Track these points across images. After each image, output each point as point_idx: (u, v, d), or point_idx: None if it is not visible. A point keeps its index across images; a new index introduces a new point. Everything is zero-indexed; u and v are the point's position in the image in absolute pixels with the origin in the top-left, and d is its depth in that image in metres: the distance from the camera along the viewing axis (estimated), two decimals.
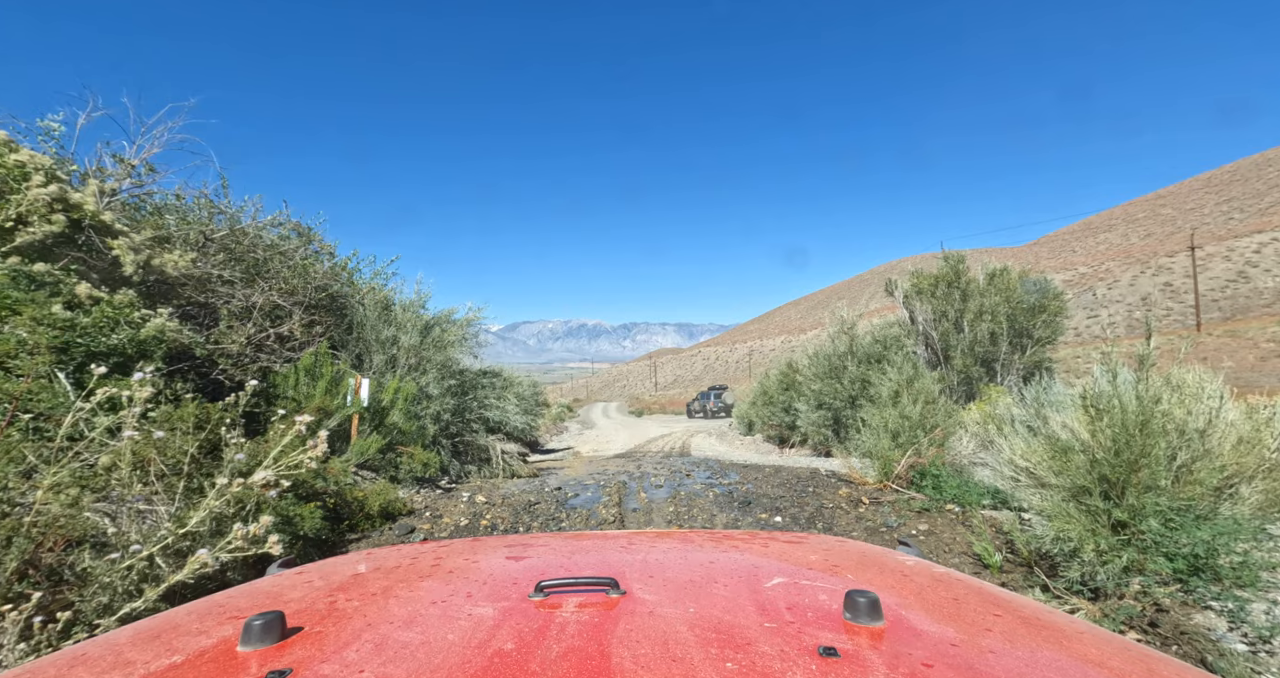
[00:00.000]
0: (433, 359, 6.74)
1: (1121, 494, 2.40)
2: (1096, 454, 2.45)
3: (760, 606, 0.75)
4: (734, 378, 70.30)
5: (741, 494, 4.93)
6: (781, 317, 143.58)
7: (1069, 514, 2.53)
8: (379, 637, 0.67)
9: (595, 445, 17.56)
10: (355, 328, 6.56)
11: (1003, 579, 2.90)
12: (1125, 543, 2.37)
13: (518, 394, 12.81)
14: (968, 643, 0.66)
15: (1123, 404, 2.37)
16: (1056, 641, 0.70)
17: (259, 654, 0.64)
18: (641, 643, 0.62)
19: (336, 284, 6.38)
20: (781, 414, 9.52)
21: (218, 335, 4.95)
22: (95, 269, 4.34)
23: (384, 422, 5.60)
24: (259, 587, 0.96)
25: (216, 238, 5.56)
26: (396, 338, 6.71)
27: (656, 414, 40.96)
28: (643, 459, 10.53)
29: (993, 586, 0.94)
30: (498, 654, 0.60)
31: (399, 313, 6.81)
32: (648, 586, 0.83)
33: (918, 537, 3.72)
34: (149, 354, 3.99)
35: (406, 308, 6.80)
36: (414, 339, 6.74)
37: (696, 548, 1.11)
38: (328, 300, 6.57)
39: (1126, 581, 2.34)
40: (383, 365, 6.50)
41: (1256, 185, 67.40)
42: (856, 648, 0.61)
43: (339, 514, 4.02)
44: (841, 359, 6.95)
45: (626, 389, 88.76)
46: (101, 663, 0.66)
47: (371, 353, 6.52)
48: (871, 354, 6.72)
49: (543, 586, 0.79)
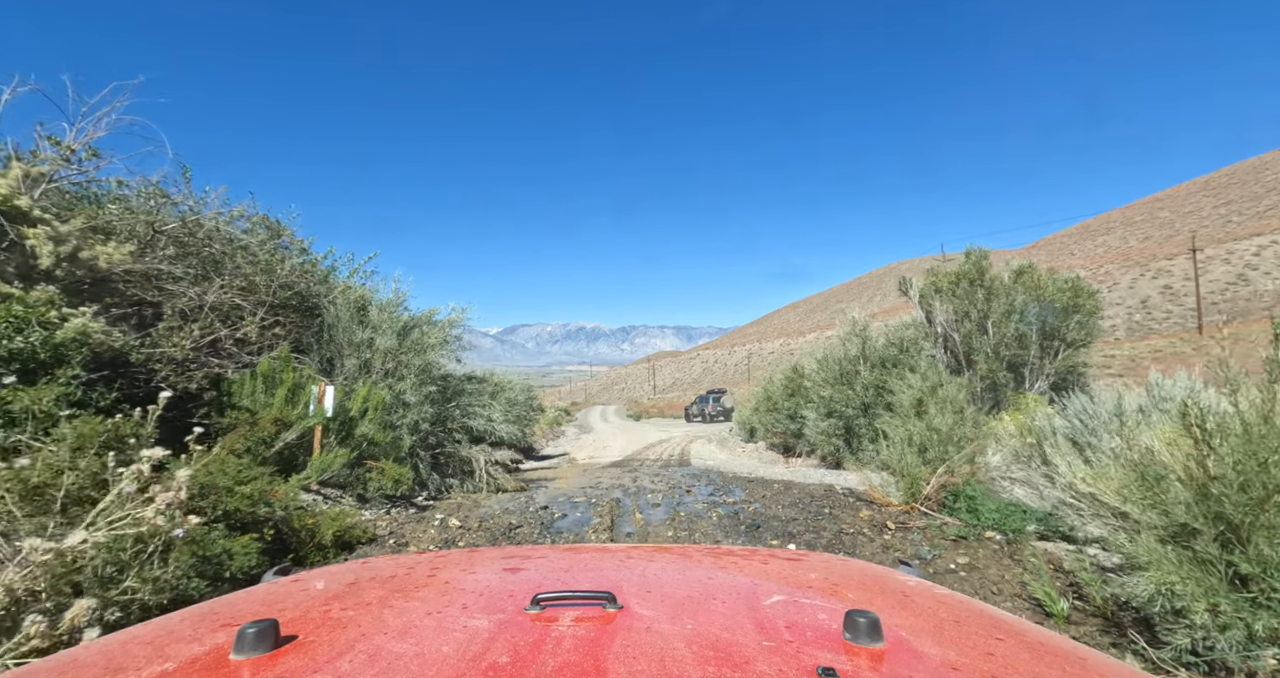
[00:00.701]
0: (411, 364, 6.20)
1: (1246, 540, 1.89)
2: (1210, 488, 1.94)
3: (759, 624, 0.74)
4: (732, 381, 69.90)
5: (749, 516, 4.40)
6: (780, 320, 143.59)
7: (1169, 561, 2.02)
8: (373, 647, 0.67)
9: (591, 452, 17.03)
10: (327, 330, 6.03)
11: (1074, 633, 2.38)
12: (1253, 603, 1.85)
13: (509, 399, 12.26)
14: (969, 667, 0.65)
15: (1246, 424, 1.86)
16: (1061, 667, 0.69)
17: (251, 663, 0.63)
18: (638, 659, 0.62)
19: (304, 282, 5.84)
20: (787, 422, 8.98)
21: (157, 338, 4.39)
22: (11, 263, 3.80)
23: (352, 433, 5.05)
24: (254, 594, 0.95)
25: (167, 230, 5.01)
26: (372, 341, 6.17)
27: (655, 418, 40.42)
28: (640, 469, 9.98)
29: (995, 608, 0.91)
30: (492, 668, 0.60)
31: (375, 314, 6.27)
32: (645, 601, 0.82)
33: (957, 572, 3.19)
34: (66, 360, 3.44)
35: (383, 308, 6.26)
36: (391, 342, 6.21)
37: (695, 564, 1.10)
38: (296, 300, 6.03)
39: (1257, 653, 1.82)
40: (356, 371, 5.96)
41: (1254, 188, 67.54)
42: (856, 669, 0.61)
43: (285, 545, 3.47)
44: (853, 364, 6.44)
45: (625, 392, 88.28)
46: (93, 668, 0.66)
47: (344, 357, 5.98)
48: (886, 358, 6.21)
49: (539, 599, 0.78)
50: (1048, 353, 5.32)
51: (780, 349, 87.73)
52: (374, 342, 6.15)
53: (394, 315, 6.40)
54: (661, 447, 16.39)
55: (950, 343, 5.68)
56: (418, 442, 6.04)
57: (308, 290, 6.09)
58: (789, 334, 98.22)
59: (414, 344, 6.26)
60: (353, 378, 5.84)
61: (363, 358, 5.94)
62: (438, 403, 6.59)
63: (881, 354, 6.32)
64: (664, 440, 18.73)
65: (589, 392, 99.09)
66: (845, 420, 6.42)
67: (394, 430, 5.86)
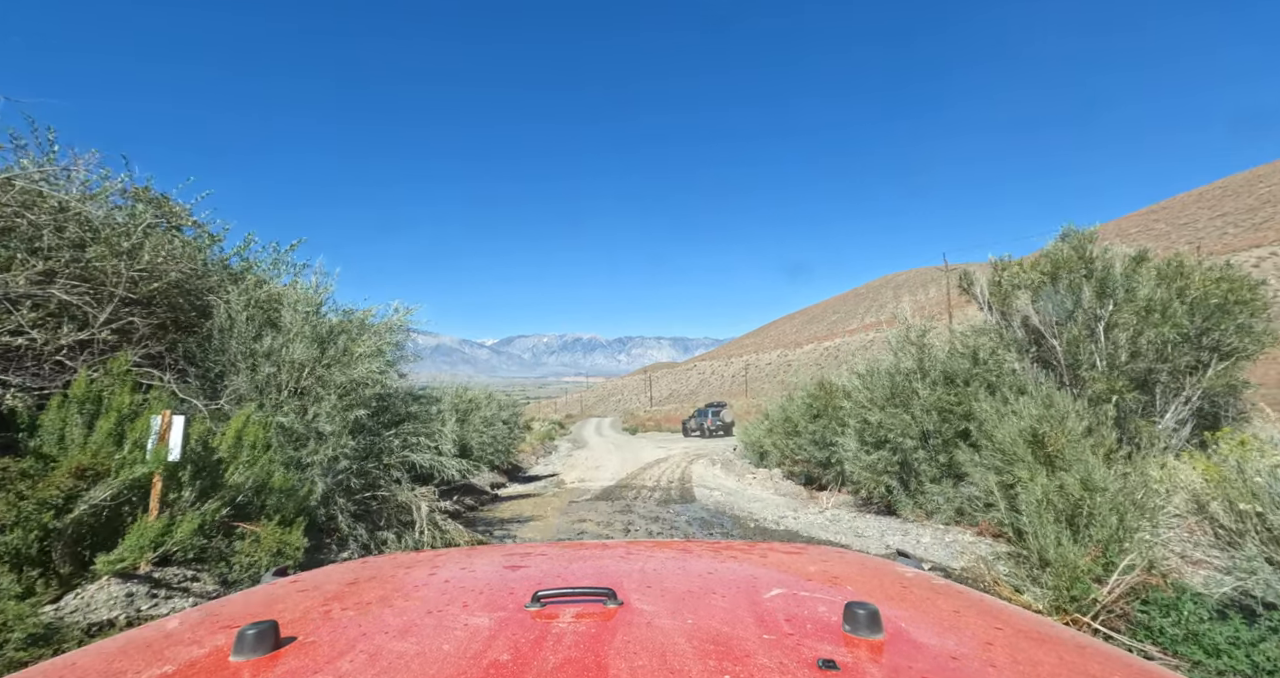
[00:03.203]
0: (332, 381, 4.68)
1: None
2: None
3: (759, 617, 0.74)
4: (730, 393, 68.46)
5: None
6: (777, 331, 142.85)
7: None
8: (373, 647, 0.66)
9: (583, 472, 15.45)
10: (219, 336, 4.51)
11: None
12: None
13: (484, 418, 10.68)
14: (969, 656, 0.65)
15: None
16: (1059, 655, 0.68)
17: (251, 665, 0.62)
18: (639, 654, 0.61)
19: (181, 271, 4.32)
20: (812, 449, 7.44)
21: None
22: None
23: (219, 482, 3.51)
24: (253, 596, 0.95)
25: None
26: (287, 348, 4.66)
27: (651, 432, 38.74)
28: (634, 503, 8.44)
29: (994, 598, 0.91)
30: (493, 666, 0.60)
31: (288, 316, 4.76)
32: (645, 596, 0.82)
33: None
34: None
35: (298, 307, 4.76)
36: (307, 352, 4.69)
37: (695, 558, 1.09)
38: (175, 295, 4.52)
39: None
40: (252, 391, 4.42)
41: (1248, 200, 67.55)
42: (856, 661, 0.60)
43: None
44: (908, 380, 4.99)
45: (621, 404, 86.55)
46: (91, 672, 0.65)
47: (238, 371, 4.45)
48: (952, 372, 4.78)
49: (539, 596, 0.77)
50: (1190, 368, 3.86)
51: (778, 361, 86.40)
52: (288, 350, 4.64)
53: (316, 317, 4.89)
54: (659, 468, 14.81)
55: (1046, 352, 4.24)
56: (337, 485, 4.51)
57: (192, 284, 4.58)
58: (786, 346, 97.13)
59: (337, 356, 4.75)
60: (244, 400, 4.31)
61: (264, 374, 4.42)
62: (371, 431, 5.07)
63: (946, 368, 4.87)
64: (662, 460, 17.16)
65: (585, 403, 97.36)
66: (902, 453, 4.94)
67: (302, 471, 4.31)
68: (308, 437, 4.40)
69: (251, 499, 3.71)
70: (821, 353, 77.35)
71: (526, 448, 21.24)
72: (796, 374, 13.31)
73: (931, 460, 4.88)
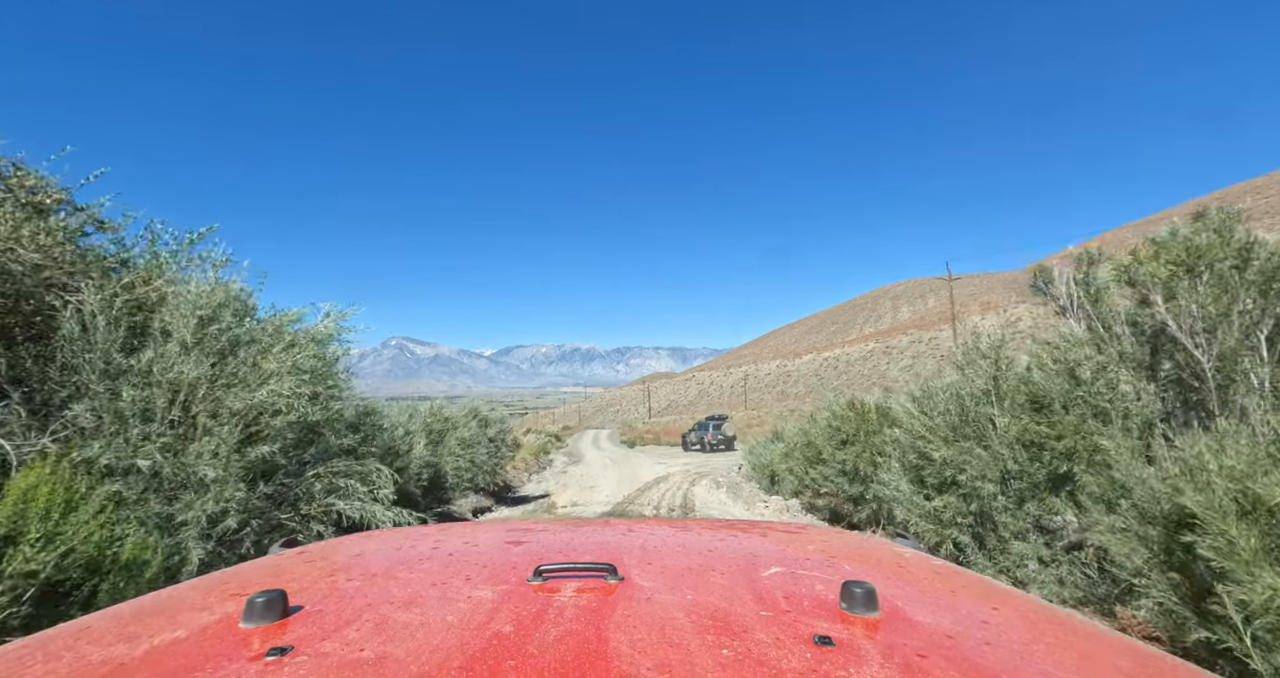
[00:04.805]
0: (228, 407, 3.52)
1: None
2: None
3: (757, 594, 0.75)
4: (729, 403, 67.13)
5: None
6: (775, 341, 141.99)
7: None
8: (379, 617, 0.67)
9: (576, 492, 14.22)
10: (68, 348, 3.34)
11: None
12: None
13: (461, 439, 9.47)
14: (964, 635, 0.65)
15: None
16: (1055, 634, 0.69)
17: (261, 631, 0.64)
18: (638, 628, 0.62)
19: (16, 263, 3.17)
20: (841, 481, 6.25)
21: None
22: None
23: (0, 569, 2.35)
24: (262, 565, 0.96)
25: None
26: (166, 363, 3.50)
27: (650, 445, 37.38)
28: None
29: (991, 579, 0.92)
30: (496, 636, 0.61)
31: (173, 320, 3.60)
32: (646, 572, 0.83)
33: None
34: None
35: (188, 311, 3.60)
36: (199, 368, 3.53)
37: (696, 536, 1.10)
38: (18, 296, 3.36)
39: None
40: (112, 421, 3.25)
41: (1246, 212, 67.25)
42: (852, 638, 0.61)
43: None
44: (980, 405, 3.86)
45: (619, 414, 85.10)
46: (107, 636, 0.67)
47: (93, 396, 3.28)
48: (1043, 396, 3.65)
49: (541, 570, 0.78)
50: None
51: (777, 371, 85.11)
52: (172, 368, 3.48)
53: (215, 323, 3.73)
54: (659, 490, 13.57)
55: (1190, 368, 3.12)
56: (222, 550, 3.32)
57: (58, 281, 3.42)
58: (785, 356, 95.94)
59: (240, 373, 3.59)
60: (99, 436, 3.14)
61: (128, 398, 3.26)
62: (288, 471, 3.90)
63: (1032, 390, 3.75)
64: (661, 479, 15.92)
65: (583, 414, 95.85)
66: (978, 502, 3.78)
67: (173, 535, 3.12)
68: (183, 487, 3.23)
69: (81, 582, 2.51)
70: (821, 363, 76.18)
71: (520, 465, 19.95)
72: (796, 385, 12.26)
73: (1016, 509, 3.74)
